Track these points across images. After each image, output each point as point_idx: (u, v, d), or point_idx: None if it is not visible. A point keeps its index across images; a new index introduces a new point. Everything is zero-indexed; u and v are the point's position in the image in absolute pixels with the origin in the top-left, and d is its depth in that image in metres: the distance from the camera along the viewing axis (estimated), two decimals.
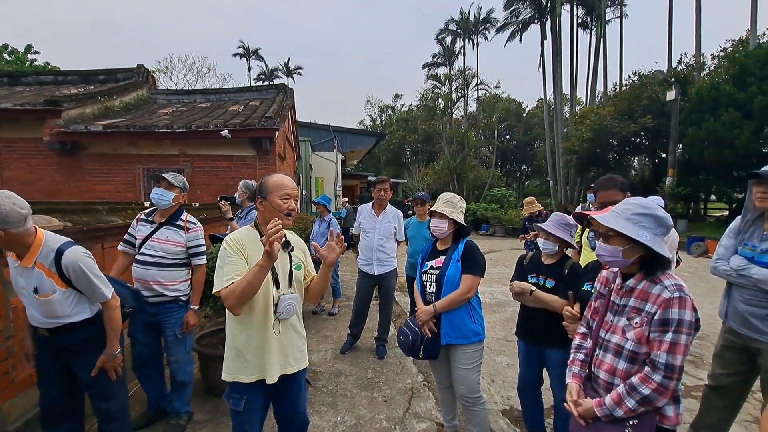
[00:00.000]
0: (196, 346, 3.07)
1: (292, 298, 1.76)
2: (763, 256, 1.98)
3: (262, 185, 1.75)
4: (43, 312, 1.83)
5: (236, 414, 1.74)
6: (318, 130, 17.38)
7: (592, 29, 25.86)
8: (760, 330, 1.99)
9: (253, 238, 1.74)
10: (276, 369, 1.73)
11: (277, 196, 1.72)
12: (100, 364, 1.92)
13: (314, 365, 3.70)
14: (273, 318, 1.72)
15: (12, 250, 1.80)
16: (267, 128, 6.83)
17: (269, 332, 1.71)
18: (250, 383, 1.70)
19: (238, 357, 1.70)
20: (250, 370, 1.70)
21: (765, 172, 1.93)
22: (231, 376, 1.71)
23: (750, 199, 2.07)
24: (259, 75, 41.19)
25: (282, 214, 1.71)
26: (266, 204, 1.73)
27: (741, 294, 2.07)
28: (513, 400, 3.02)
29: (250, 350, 1.69)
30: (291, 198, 1.75)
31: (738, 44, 17.02)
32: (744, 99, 12.63)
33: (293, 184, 1.78)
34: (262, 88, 10.40)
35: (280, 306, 1.71)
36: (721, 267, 2.15)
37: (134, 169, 7.27)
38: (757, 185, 1.99)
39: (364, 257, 4.03)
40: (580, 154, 18.22)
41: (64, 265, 1.78)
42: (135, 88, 9.08)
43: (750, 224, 2.10)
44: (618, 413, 1.36)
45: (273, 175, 1.78)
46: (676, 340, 1.30)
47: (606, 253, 1.43)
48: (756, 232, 2.06)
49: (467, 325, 2.24)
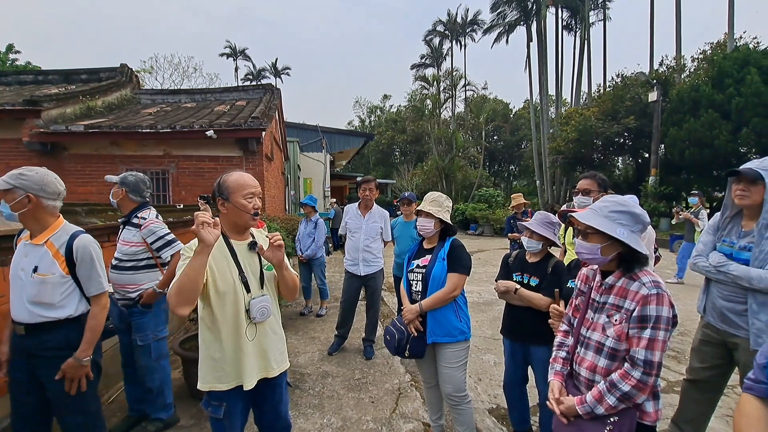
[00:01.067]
0: (179, 349, 3.02)
1: (265, 300, 1.70)
2: (741, 252, 2.02)
3: (221, 185, 1.65)
4: (33, 296, 1.76)
5: (216, 421, 1.68)
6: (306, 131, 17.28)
7: (576, 31, 26.32)
8: (738, 325, 2.02)
9: (218, 242, 1.63)
10: (253, 375, 1.68)
11: (241, 195, 1.64)
12: (64, 369, 1.79)
13: (301, 367, 3.67)
14: (246, 323, 1.66)
15: (29, 225, 1.83)
16: (253, 128, 6.76)
17: (242, 338, 1.65)
18: (229, 389, 1.66)
19: (213, 366, 1.64)
20: (226, 377, 1.64)
21: (744, 170, 1.97)
22: (207, 386, 1.65)
23: (729, 197, 2.11)
24: (247, 75, 40.81)
25: (249, 215, 1.65)
26: (229, 205, 1.64)
27: (719, 290, 2.10)
28: (499, 398, 3.04)
29: (226, 359, 1.63)
30: (255, 196, 1.67)
31: (716, 47, 17.51)
32: (722, 100, 12.98)
33: (255, 182, 1.71)
34: (249, 88, 10.31)
35: (252, 310, 1.65)
36: (701, 263, 2.19)
37: (117, 170, 7.11)
38: (737, 183, 2.03)
39: (350, 258, 4.02)
40: (565, 154, 18.50)
41: (75, 247, 1.81)
42: (118, 88, 8.91)
43: (728, 221, 2.14)
44: (599, 410, 1.37)
45: (232, 174, 1.69)
46: (654, 336, 1.32)
47: (585, 251, 1.45)
48: (734, 229, 2.11)
49: (453, 323, 2.25)
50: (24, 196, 1.74)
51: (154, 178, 7.15)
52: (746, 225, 2.05)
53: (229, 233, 1.71)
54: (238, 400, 1.70)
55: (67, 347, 1.82)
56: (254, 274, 1.71)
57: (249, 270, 1.70)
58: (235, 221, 1.69)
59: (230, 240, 1.70)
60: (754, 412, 0.91)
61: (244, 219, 1.67)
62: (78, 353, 1.82)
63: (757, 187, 1.93)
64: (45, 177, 1.79)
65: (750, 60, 13.00)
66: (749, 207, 2.00)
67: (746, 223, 2.05)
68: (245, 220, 1.67)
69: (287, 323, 4.96)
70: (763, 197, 1.91)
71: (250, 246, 1.73)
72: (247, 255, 1.72)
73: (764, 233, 1.92)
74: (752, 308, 1.94)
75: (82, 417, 1.91)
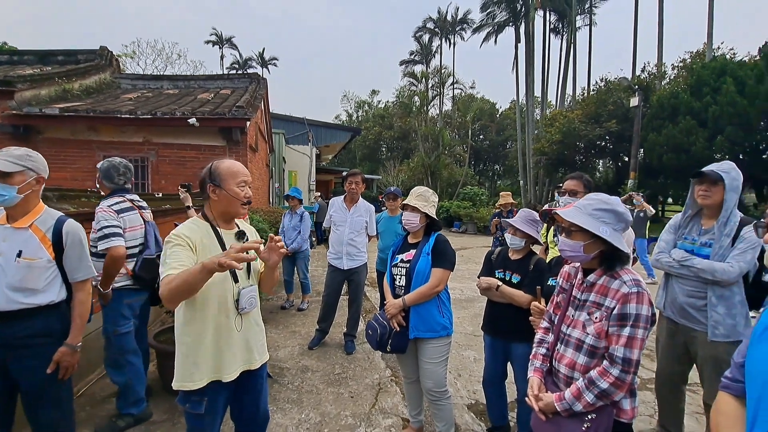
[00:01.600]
0: (153, 342, 2.93)
1: (253, 290, 1.69)
2: (702, 248, 2.17)
3: (213, 172, 1.63)
4: (16, 281, 1.68)
5: (196, 417, 1.61)
6: (292, 123, 17.06)
7: (563, 35, 26.70)
8: (697, 320, 2.16)
9: (205, 231, 1.62)
10: (236, 366, 1.65)
11: (234, 183, 1.62)
12: (58, 358, 1.75)
13: (281, 361, 3.62)
14: (235, 314, 1.63)
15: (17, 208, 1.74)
16: (238, 118, 6.62)
17: (231, 329, 1.62)
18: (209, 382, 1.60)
19: (187, 362, 1.58)
20: (202, 374, 1.58)
21: (708, 172, 2.11)
22: (178, 384, 1.59)
23: (691, 197, 2.25)
24: (233, 64, 39.94)
25: (241, 203, 1.63)
26: (221, 192, 1.61)
27: (681, 286, 2.22)
28: (478, 394, 3.06)
29: (205, 352, 1.58)
30: (247, 185, 1.67)
31: (696, 56, 18.06)
32: (699, 108, 13.40)
33: (247, 171, 1.69)
34: (234, 76, 10.09)
35: (242, 300, 1.63)
36: (664, 259, 2.29)
37: (94, 156, 6.85)
38: (699, 184, 2.17)
39: (333, 251, 3.97)
40: (549, 155, 18.81)
41: (65, 232, 1.79)
42: (97, 71, 8.57)
43: (689, 220, 2.29)
44: (577, 407, 1.38)
45: (224, 161, 1.67)
46: (633, 334, 1.34)
47: (568, 248, 1.45)
48: (695, 227, 2.26)
49: (436, 319, 2.24)
50: (34, 177, 1.73)
51: (133, 165, 6.89)
52: (706, 223, 2.21)
53: (218, 221, 1.68)
54: (220, 393, 1.65)
55: (45, 335, 1.76)
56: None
57: None
58: (225, 209, 1.66)
59: (219, 228, 1.66)
60: (731, 411, 0.92)
61: (235, 207, 1.65)
62: (70, 340, 1.80)
63: (717, 188, 2.09)
64: (39, 158, 1.78)
65: (726, 70, 13.44)
66: (710, 206, 2.15)
67: (706, 222, 2.21)
68: (236, 208, 1.65)
69: (267, 317, 4.88)
70: (723, 197, 2.08)
71: (237, 235, 1.71)
72: (234, 244, 1.67)
73: (723, 230, 2.08)
74: (711, 301, 2.08)
75: (56, 411, 1.83)
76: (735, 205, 2.08)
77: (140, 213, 2.66)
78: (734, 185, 2.07)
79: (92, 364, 3.23)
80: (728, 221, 2.08)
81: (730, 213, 2.08)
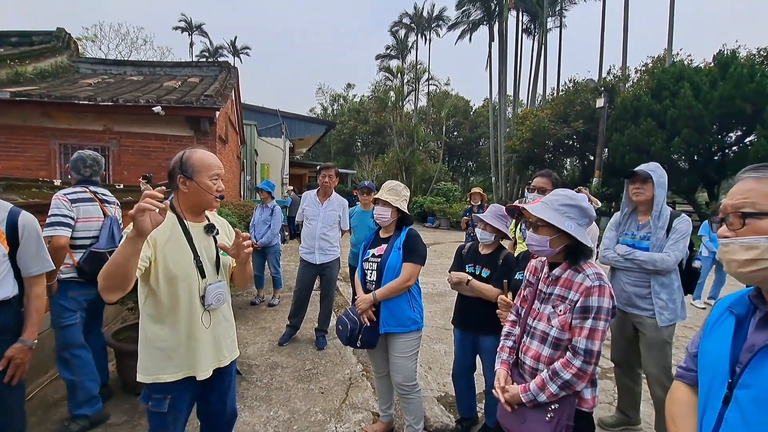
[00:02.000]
0: (112, 340, 2.79)
1: (221, 286, 1.62)
2: (641, 242, 2.37)
3: (185, 162, 1.55)
4: None
5: (158, 416, 1.55)
6: (265, 115, 16.64)
7: (535, 36, 27.36)
8: (642, 307, 2.36)
9: (171, 223, 1.53)
10: (209, 364, 1.60)
11: (207, 176, 1.55)
12: (10, 354, 1.64)
13: (249, 358, 3.54)
14: (201, 310, 1.57)
15: None
16: (206, 107, 6.36)
17: (198, 326, 1.56)
18: (176, 381, 1.54)
19: (159, 356, 1.52)
20: (175, 368, 1.53)
21: (638, 171, 2.32)
22: (151, 377, 1.53)
23: (627, 196, 2.44)
24: (202, 52, 38.50)
25: (213, 196, 1.57)
26: (191, 184, 1.54)
27: (627, 277, 2.41)
28: (448, 386, 3.10)
29: (176, 348, 1.53)
30: (220, 178, 1.60)
31: (657, 61, 18.93)
32: (659, 110, 14.11)
33: (220, 162, 1.63)
34: (203, 64, 9.73)
35: (208, 297, 1.57)
36: (609, 255, 2.48)
37: (49, 144, 6.44)
38: (632, 183, 2.37)
39: (305, 245, 3.90)
40: (520, 153, 19.30)
41: (21, 224, 1.71)
42: (53, 54, 8.02)
43: (627, 217, 2.49)
44: (541, 398, 1.41)
45: (195, 151, 1.59)
46: (594, 326, 1.38)
47: (535, 243, 1.48)
48: (633, 224, 2.46)
49: (406, 313, 2.24)
50: None
51: None
52: (642, 219, 2.41)
53: (185, 214, 1.60)
54: (187, 392, 1.59)
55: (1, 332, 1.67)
56: (210, 258, 1.62)
57: (205, 254, 1.60)
58: (196, 202, 1.59)
59: (185, 221, 1.59)
60: (685, 399, 0.97)
61: (207, 200, 1.58)
62: (26, 336, 1.71)
63: (647, 185, 2.29)
64: None
65: (684, 75, 14.21)
66: (643, 203, 2.35)
67: (642, 218, 2.42)
68: (208, 201, 1.59)
69: (237, 313, 4.74)
70: (653, 193, 2.28)
71: (206, 229, 1.64)
72: (203, 238, 1.62)
73: (657, 223, 2.28)
74: (655, 289, 2.29)
75: (5, 416, 1.70)
76: (664, 200, 2.29)
77: (101, 206, 2.58)
78: (661, 182, 2.28)
79: (44, 365, 3.04)
80: (661, 215, 2.28)
81: (661, 207, 2.29)
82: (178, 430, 1.62)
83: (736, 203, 0.80)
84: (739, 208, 0.79)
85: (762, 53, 14.67)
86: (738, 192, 0.81)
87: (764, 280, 0.78)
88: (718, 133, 14.18)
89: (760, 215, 0.76)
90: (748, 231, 0.77)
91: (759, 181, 0.79)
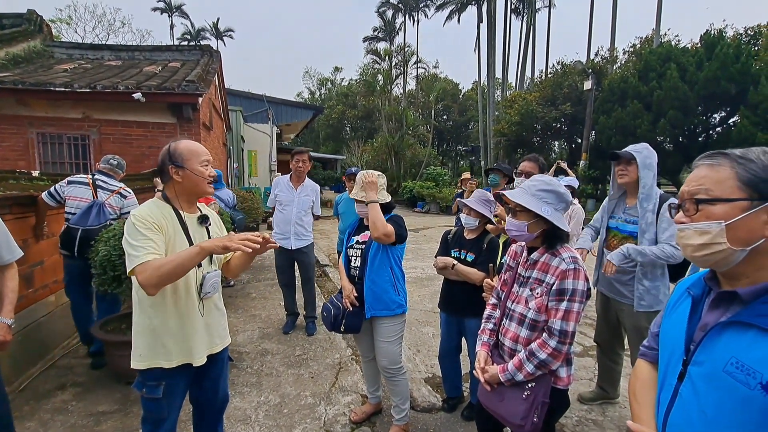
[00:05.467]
0: (100, 332, 2.79)
1: (216, 275, 1.69)
2: (626, 225, 2.38)
3: (173, 153, 1.58)
4: None
5: (153, 401, 1.60)
6: (251, 100, 16.32)
7: (524, 16, 27.03)
8: (622, 294, 2.40)
9: (168, 213, 1.58)
10: (203, 350, 1.65)
11: (198, 162, 1.59)
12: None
13: (239, 345, 3.57)
14: (198, 299, 1.62)
15: None
16: (189, 93, 6.20)
17: (195, 314, 1.61)
18: (171, 368, 1.58)
19: (156, 343, 1.56)
20: (171, 355, 1.57)
21: (622, 153, 2.30)
22: (146, 363, 1.56)
23: (614, 179, 2.44)
24: (184, 35, 37.24)
25: (207, 181, 1.61)
26: (185, 173, 1.57)
27: None
28: (435, 368, 3.18)
29: (173, 335, 1.57)
30: (210, 164, 1.65)
31: (645, 42, 18.94)
32: (646, 92, 14.17)
33: (206, 149, 1.67)
34: (185, 48, 9.42)
35: (205, 285, 1.62)
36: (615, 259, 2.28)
37: (26, 133, 6.24)
38: (617, 165, 2.36)
39: (279, 231, 3.84)
40: (508, 136, 19.30)
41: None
42: (25, 38, 7.69)
43: (615, 202, 2.50)
44: (519, 377, 1.47)
45: (181, 141, 1.62)
46: (569, 308, 1.43)
47: (514, 228, 1.52)
48: (621, 207, 2.46)
49: (391, 296, 2.27)
50: None
51: (72, 143, 6.38)
52: (629, 202, 2.41)
53: (181, 204, 1.63)
54: (182, 377, 1.64)
55: None
56: None
57: None
58: (191, 190, 1.63)
59: (181, 213, 1.62)
60: (645, 376, 1.03)
61: (201, 187, 1.62)
62: (4, 314, 1.77)
63: (632, 167, 2.27)
64: None
65: (671, 56, 14.23)
66: (628, 184, 2.35)
67: (629, 201, 2.41)
68: (203, 187, 1.62)
69: (226, 301, 4.75)
70: (639, 174, 2.24)
71: (200, 220, 1.69)
72: (197, 229, 1.67)
73: (646, 206, 2.25)
74: (638, 275, 2.29)
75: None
76: (653, 181, 2.25)
77: (93, 191, 3.12)
78: (647, 162, 2.24)
79: (34, 356, 3.05)
80: (649, 197, 2.24)
81: (649, 189, 2.24)
82: (172, 416, 1.66)
83: (691, 190, 0.83)
84: (693, 194, 0.83)
85: (749, 33, 14.77)
86: (693, 179, 0.84)
87: (717, 263, 0.81)
88: (702, 114, 14.33)
89: (712, 201, 0.79)
90: (701, 216, 0.81)
91: (712, 168, 0.82)
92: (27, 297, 3.02)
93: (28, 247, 3.02)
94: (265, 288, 5.33)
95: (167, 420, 1.64)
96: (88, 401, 2.65)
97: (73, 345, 3.45)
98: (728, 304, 0.81)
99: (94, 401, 2.64)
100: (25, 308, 2.97)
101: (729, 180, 0.78)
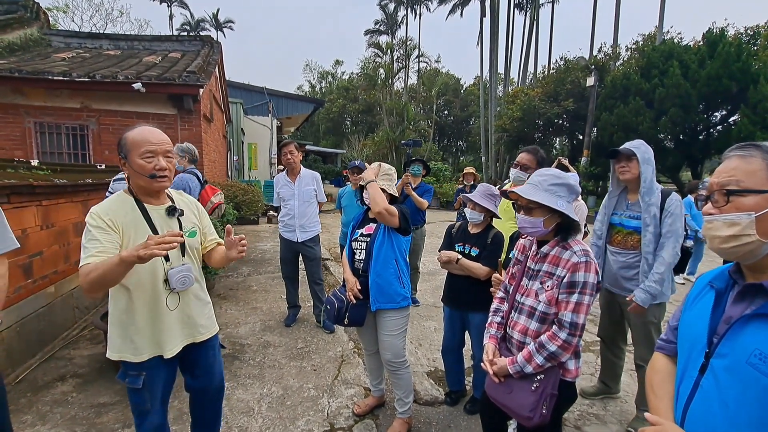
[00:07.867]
0: (100, 323, 2.77)
1: (185, 269, 1.58)
2: (630, 220, 2.38)
3: (121, 143, 1.50)
4: None
5: (135, 392, 1.59)
6: (251, 93, 16.24)
7: (527, 11, 26.85)
8: (627, 288, 2.39)
9: (129, 207, 1.52)
10: (176, 343, 1.61)
11: (137, 155, 1.46)
12: None
13: (241, 338, 3.56)
14: (165, 293, 1.56)
15: None
16: (189, 84, 6.15)
17: (162, 308, 1.56)
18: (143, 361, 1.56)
19: (126, 337, 1.53)
20: (140, 349, 1.54)
21: (622, 149, 2.32)
22: (118, 355, 1.54)
23: (614, 176, 2.44)
24: (183, 25, 36.90)
25: (146, 177, 1.48)
26: (128, 166, 1.50)
27: (615, 258, 2.45)
28: (438, 362, 3.18)
29: (141, 330, 1.53)
30: (156, 155, 1.49)
31: (647, 39, 18.83)
32: (648, 89, 14.11)
33: (159, 137, 1.52)
34: (185, 39, 9.32)
35: (171, 280, 1.54)
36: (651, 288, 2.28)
37: (23, 122, 6.18)
38: (617, 162, 2.37)
39: (285, 225, 3.84)
40: (510, 132, 19.24)
41: None
42: (21, 26, 7.60)
43: (616, 199, 2.49)
44: (528, 369, 1.46)
45: (134, 128, 1.52)
46: (580, 300, 1.42)
47: (528, 225, 1.50)
48: (622, 202, 2.46)
49: (395, 289, 2.24)
50: None
51: (71, 133, 6.33)
52: (631, 198, 2.41)
53: (141, 197, 1.56)
54: (160, 368, 1.61)
55: None
56: None
57: None
58: (139, 184, 1.53)
59: (144, 204, 1.55)
60: (664, 368, 1.01)
61: (146, 182, 1.50)
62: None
63: (632, 163, 2.29)
64: None
65: (674, 53, 14.17)
66: (630, 180, 2.34)
67: (631, 196, 2.42)
68: (147, 183, 1.50)
69: (228, 294, 4.77)
70: (639, 170, 2.26)
71: (168, 211, 1.59)
72: (164, 221, 1.58)
73: (647, 200, 2.26)
74: (644, 268, 2.29)
75: None
76: (653, 176, 2.27)
77: None
78: (646, 158, 2.27)
79: (32, 348, 3.03)
80: (650, 191, 2.26)
81: (650, 183, 2.26)
82: (156, 405, 1.64)
83: (721, 181, 0.82)
84: (723, 186, 0.81)
85: (749, 32, 14.71)
86: (723, 170, 0.82)
87: (744, 255, 0.80)
88: (704, 112, 14.29)
89: (743, 192, 0.78)
90: (731, 208, 0.79)
91: (743, 159, 0.80)
92: (26, 288, 2.99)
93: (27, 238, 2.99)
94: (267, 281, 5.31)
95: (151, 412, 1.62)
96: (89, 393, 2.63)
97: (74, 336, 3.43)
98: (753, 297, 0.80)
99: (94, 393, 2.63)
100: (23, 299, 2.95)
101: (761, 171, 0.77)
